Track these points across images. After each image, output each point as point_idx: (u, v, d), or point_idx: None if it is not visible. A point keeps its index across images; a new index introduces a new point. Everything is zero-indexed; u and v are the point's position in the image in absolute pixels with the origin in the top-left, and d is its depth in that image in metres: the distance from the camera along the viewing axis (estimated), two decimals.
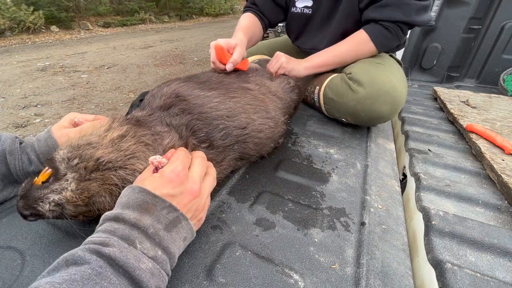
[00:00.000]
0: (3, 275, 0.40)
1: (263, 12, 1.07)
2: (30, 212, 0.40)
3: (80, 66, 4.13)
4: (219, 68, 0.77)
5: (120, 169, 0.42)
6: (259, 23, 1.07)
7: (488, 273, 0.45)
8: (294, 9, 1.05)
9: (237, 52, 0.78)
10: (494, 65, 1.53)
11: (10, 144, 0.49)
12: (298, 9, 1.03)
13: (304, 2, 1.02)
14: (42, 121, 2.39)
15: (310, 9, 1.01)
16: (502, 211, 0.59)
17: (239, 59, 0.77)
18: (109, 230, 0.32)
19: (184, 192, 0.38)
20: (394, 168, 0.74)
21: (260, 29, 1.08)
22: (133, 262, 0.29)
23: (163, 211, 0.35)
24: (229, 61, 0.75)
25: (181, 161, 0.41)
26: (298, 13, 1.04)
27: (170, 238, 0.35)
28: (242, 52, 0.80)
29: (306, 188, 0.62)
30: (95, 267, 0.27)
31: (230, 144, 0.57)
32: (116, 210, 0.35)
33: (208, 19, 11.79)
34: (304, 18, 1.05)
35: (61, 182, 0.41)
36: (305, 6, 1.02)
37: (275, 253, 0.45)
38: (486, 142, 0.81)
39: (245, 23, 1.02)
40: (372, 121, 0.84)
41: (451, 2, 1.46)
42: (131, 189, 0.37)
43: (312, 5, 1.00)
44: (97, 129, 0.46)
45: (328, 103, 0.92)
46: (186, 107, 0.55)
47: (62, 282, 0.25)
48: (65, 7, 7.25)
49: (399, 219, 0.56)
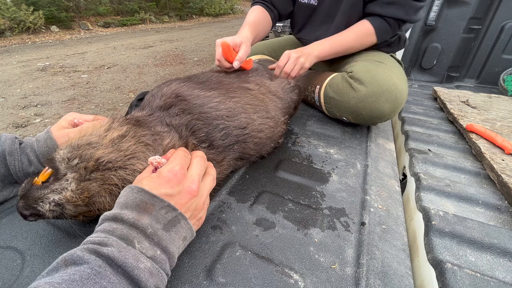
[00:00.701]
0: (3, 275, 0.40)
1: (273, 3, 1.06)
2: (30, 212, 0.40)
3: (80, 66, 4.13)
4: (224, 66, 0.78)
5: (120, 169, 0.42)
6: (268, 17, 1.06)
7: (488, 273, 0.45)
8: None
9: (243, 50, 0.79)
10: (494, 65, 1.53)
11: (10, 145, 0.49)
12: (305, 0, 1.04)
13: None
14: (42, 121, 2.39)
15: (316, 0, 1.02)
16: (502, 211, 0.59)
17: (244, 57, 0.78)
18: (107, 230, 0.32)
19: (182, 192, 0.38)
20: (394, 168, 0.74)
21: (269, 22, 1.07)
22: (132, 262, 0.29)
23: (162, 210, 0.35)
24: (236, 59, 0.76)
25: (179, 160, 0.41)
26: (305, 3, 1.04)
27: (169, 238, 0.35)
28: (247, 50, 0.81)
29: (306, 188, 0.62)
30: (94, 267, 0.27)
31: (230, 144, 0.57)
32: (115, 210, 0.35)
33: (208, 19, 11.80)
34: (310, 9, 1.05)
35: (61, 182, 0.41)
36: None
37: (275, 253, 0.45)
38: (486, 142, 0.81)
39: (253, 18, 1.01)
40: (373, 119, 0.84)
41: (451, 2, 1.46)
42: (129, 189, 0.37)
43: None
44: (97, 129, 0.46)
45: (328, 102, 0.92)
46: (186, 107, 0.55)
47: (62, 282, 0.25)
48: (65, 7, 7.25)
49: (399, 219, 0.56)
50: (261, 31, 1.01)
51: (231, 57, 0.76)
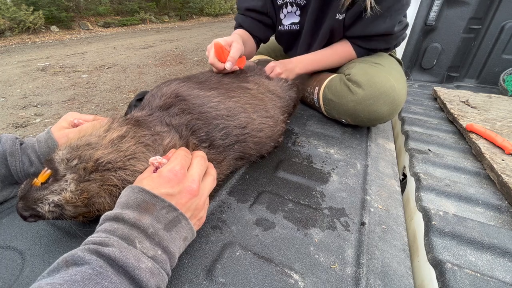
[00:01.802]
0: (3, 275, 0.40)
1: (252, 33, 1.05)
2: (30, 213, 0.40)
3: (80, 66, 4.13)
4: (218, 68, 0.75)
5: (120, 169, 0.42)
6: (251, 39, 1.05)
7: (488, 273, 0.45)
8: (281, 27, 1.03)
9: (234, 48, 0.76)
10: (494, 65, 1.53)
11: (11, 145, 0.49)
12: (286, 27, 1.02)
13: (291, 19, 1.00)
14: (42, 121, 2.39)
15: (297, 25, 1.00)
16: (502, 211, 0.59)
17: (236, 55, 0.75)
18: (108, 230, 0.32)
19: (182, 191, 0.38)
20: (394, 168, 0.74)
21: (254, 45, 1.07)
22: (133, 262, 0.29)
23: (163, 210, 0.35)
24: (227, 59, 0.73)
25: (180, 160, 0.41)
26: (285, 30, 1.03)
27: (170, 237, 0.35)
28: (239, 47, 0.77)
29: (306, 188, 0.62)
30: (95, 267, 0.27)
31: (230, 144, 0.57)
32: (116, 210, 0.35)
33: (208, 19, 11.79)
34: (292, 34, 1.04)
35: (61, 183, 0.41)
36: (292, 23, 1.00)
37: (275, 253, 0.45)
38: (486, 142, 0.81)
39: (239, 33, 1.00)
40: (372, 121, 0.84)
41: (451, 2, 1.46)
42: (130, 189, 0.37)
43: (300, 21, 0.99)
44: (97, 129, 0.46)
45: (327, 104, 0.92)
46: (186, 107, 0.55)
47: (63, 283, 0.25)
48: (65, 7, 7.25)
49: (399, 219, 0.56)
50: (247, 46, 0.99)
51: (224, 57, 0.74)
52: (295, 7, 0.95)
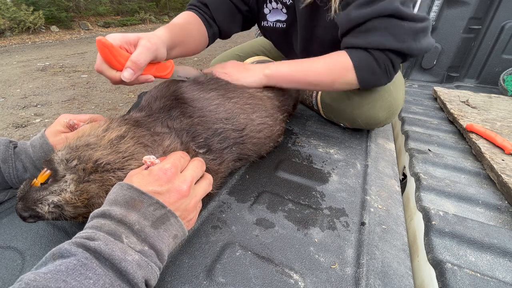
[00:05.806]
0: (3, 275, 0.40)
1: (215, 17, 0.81)
2: (29, 214, 0.40)
3: (80, 66, 4.13)
4: (110, 78, 0.51)
5: (119, 170, 0.42)
6: (202, 27, 0.79)
7: (488, 273, 0.45)
8: (265, 22, 0.90)
9: (139, 50, 0.50)
10: (494, 65, 1.53)
11: (4, 151, 0.47)
12: (271, 23, 0.89)
13: (277, 16, 0.86)
14: (42, 121, 2.39)
15: (284, 23, 0.86)
16: (502, 211, 0.59)
17: (142, 59, 0.50)
18: (95, 226, 0.32)
19: (171, 190, 0.38)
20: (394, 168, 0.74)
21: (202, 34, 0.79)
22: (119, 254, 0.29)
23: (150, 207, 0.35)
24: (126, 66, 0.49)
25: (173, 160, 0.41)
26: (270, 27, 0.90)
27: (157, 235, 0.34)
28: (150, 47, 0.52)
29: (306, 188, 0.62)
30: (80, 259, 0.28)
31: (227, 146, 0.57)
32: (104, 207, 0.35)
33: None
34: (277, 31, 0.90)
35: (60, 183, 0.41)
36: (277, 20, 0.87)
37: (275, 253, 0.45)
38: (486, 142, 0.81)
39: (178, 20, 0.74)
40: (370, 126, 0.84)
41: (451, 2, 1.46)
42: (119, 186, 0.37)
43: (287, 19, 0.85)
44: (95, 129, 0.46)
45: (325, 108, 0.92)
46: (186, 110, 0.54)
47: (47, 272, 0.26)
48: (65, 7, 7.25)
49: (399, 219, 0.56)
50: (187, 38, 0.72)
51: (118, 62, 0.49)
52: (280, 4, 0.83)
